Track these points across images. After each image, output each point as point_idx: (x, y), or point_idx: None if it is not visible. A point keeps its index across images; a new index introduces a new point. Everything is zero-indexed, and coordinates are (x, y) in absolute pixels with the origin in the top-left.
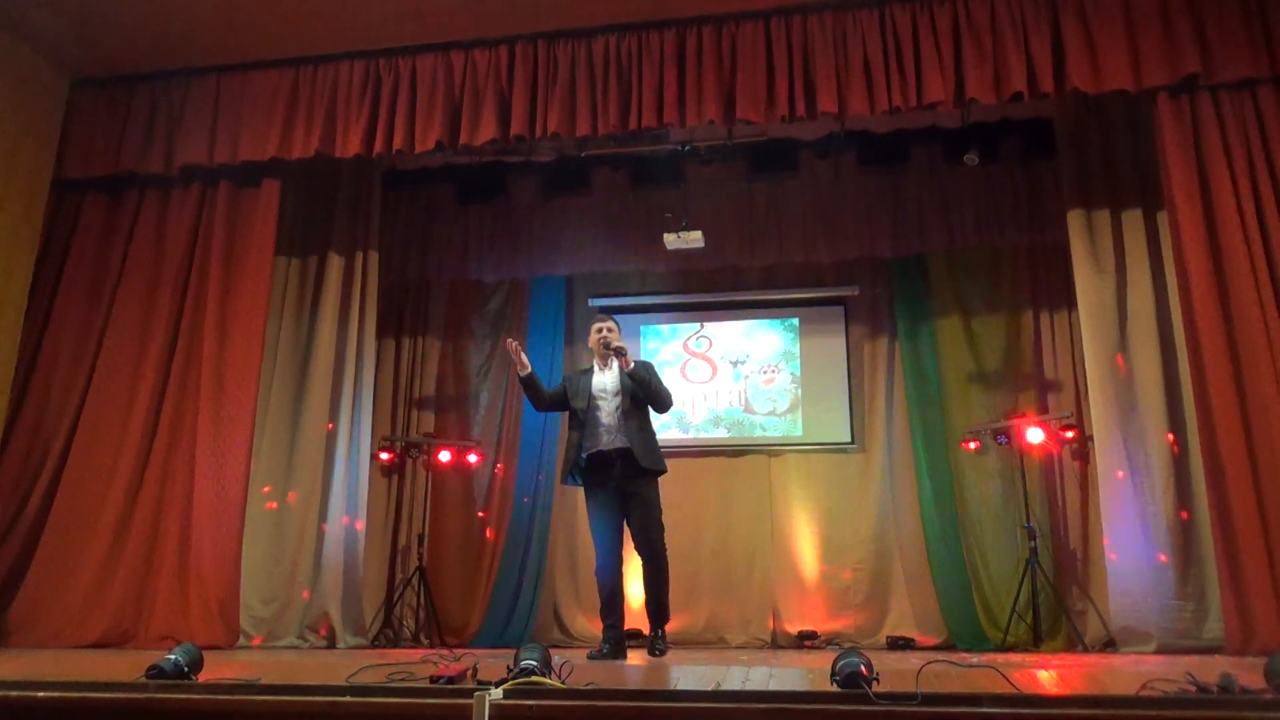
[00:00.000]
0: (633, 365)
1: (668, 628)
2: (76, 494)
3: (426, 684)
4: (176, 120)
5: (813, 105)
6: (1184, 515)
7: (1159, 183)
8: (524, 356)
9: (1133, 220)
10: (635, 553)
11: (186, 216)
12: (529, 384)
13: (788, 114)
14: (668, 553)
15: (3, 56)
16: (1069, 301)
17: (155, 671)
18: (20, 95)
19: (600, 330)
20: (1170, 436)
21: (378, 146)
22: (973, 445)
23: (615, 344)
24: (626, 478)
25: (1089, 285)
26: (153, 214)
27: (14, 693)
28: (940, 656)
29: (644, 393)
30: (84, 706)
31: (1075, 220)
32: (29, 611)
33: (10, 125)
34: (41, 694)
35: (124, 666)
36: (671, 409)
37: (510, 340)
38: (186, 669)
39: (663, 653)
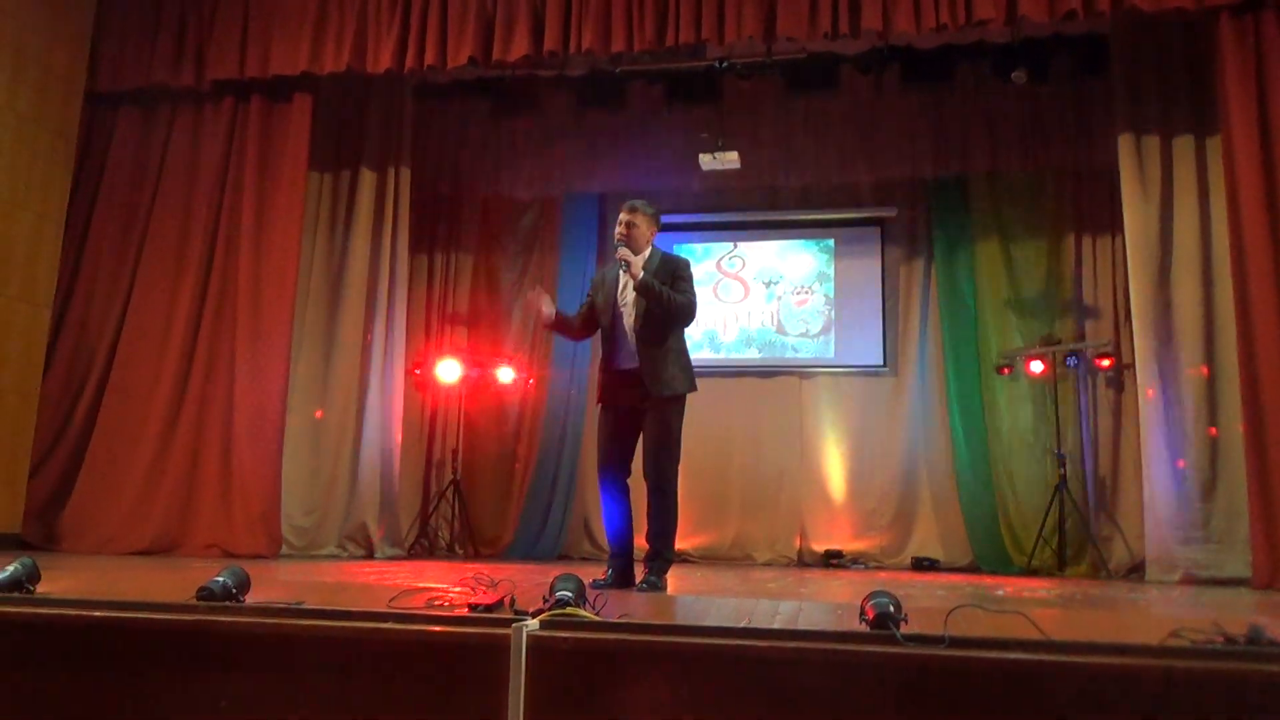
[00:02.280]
0: (640, 277)
1: (692, 544)
2: (121, 405)
3: (466, 612)
4: (207, 32)
5: (856, 22)
6: (1215, 448)
7: (1213, 107)
8: (544, 309)
9: (1183, 146)
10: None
11: (220, 131)
12: (557, 326)
13: (830, 31)
14: (678, 483)
15: None
16: (1113, 227)
17: (205, 593)
18: (49, 2)
19: (620, 224)
20: (1206, 369)
21: (409, 62)
22: (1005, 371)
23: (621, 252)
24: (641, 398)
25: (1136, 212)
26: (186, 128)
27: (71, 611)
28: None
29: (657, 308)
30: (137, 626)
31: (1125, 144)
32: (80, 518)
33: (40, 35)
34: (98, 613)
35: (173, 583)
36: (697, 323)
37: (531, 293)
38: (234, 590)
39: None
